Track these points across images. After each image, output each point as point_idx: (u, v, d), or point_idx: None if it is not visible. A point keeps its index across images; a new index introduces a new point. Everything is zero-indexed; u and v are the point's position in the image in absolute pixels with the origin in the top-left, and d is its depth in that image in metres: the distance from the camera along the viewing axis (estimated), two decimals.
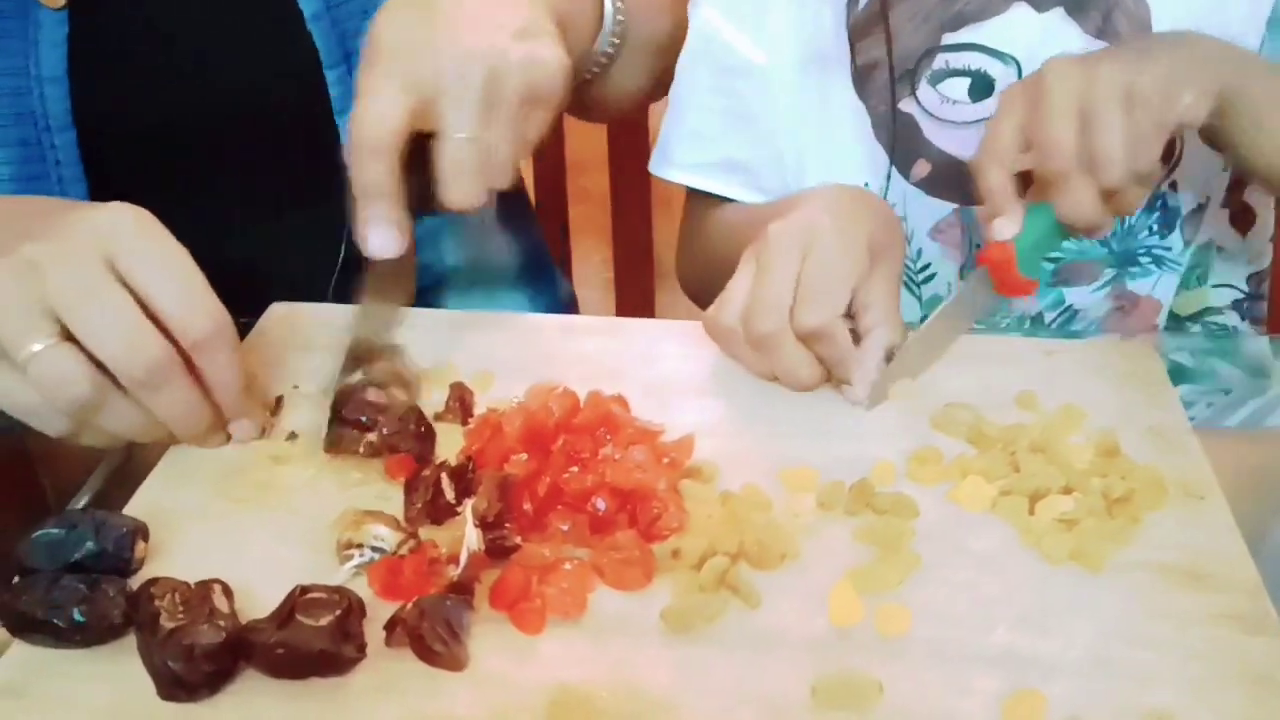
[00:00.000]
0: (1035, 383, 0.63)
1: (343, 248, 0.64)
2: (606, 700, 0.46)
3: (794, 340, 0.61)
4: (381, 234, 0.59)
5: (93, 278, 0.52)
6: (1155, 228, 0.78)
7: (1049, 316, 0.82)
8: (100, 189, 0.76)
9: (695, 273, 0.89)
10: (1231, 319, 0.84)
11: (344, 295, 0.66)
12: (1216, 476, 0.56)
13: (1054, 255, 0.78)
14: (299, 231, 0.63)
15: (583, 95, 0.79)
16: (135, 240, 0.53)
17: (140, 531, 0.52)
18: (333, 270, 0.64)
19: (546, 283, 0.99)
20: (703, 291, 0.89)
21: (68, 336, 0.52)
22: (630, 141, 1.24)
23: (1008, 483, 0.56)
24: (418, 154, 0.60)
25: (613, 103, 0.86)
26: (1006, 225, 0.62)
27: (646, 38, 0.81)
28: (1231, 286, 0.84)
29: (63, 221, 0.54)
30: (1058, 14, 0.73)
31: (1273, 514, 0.58)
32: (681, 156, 0.83)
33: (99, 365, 0.53)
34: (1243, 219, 0.81)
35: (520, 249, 0.96)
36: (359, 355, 0.61)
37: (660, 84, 0.87)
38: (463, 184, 0.59)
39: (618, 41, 0.76)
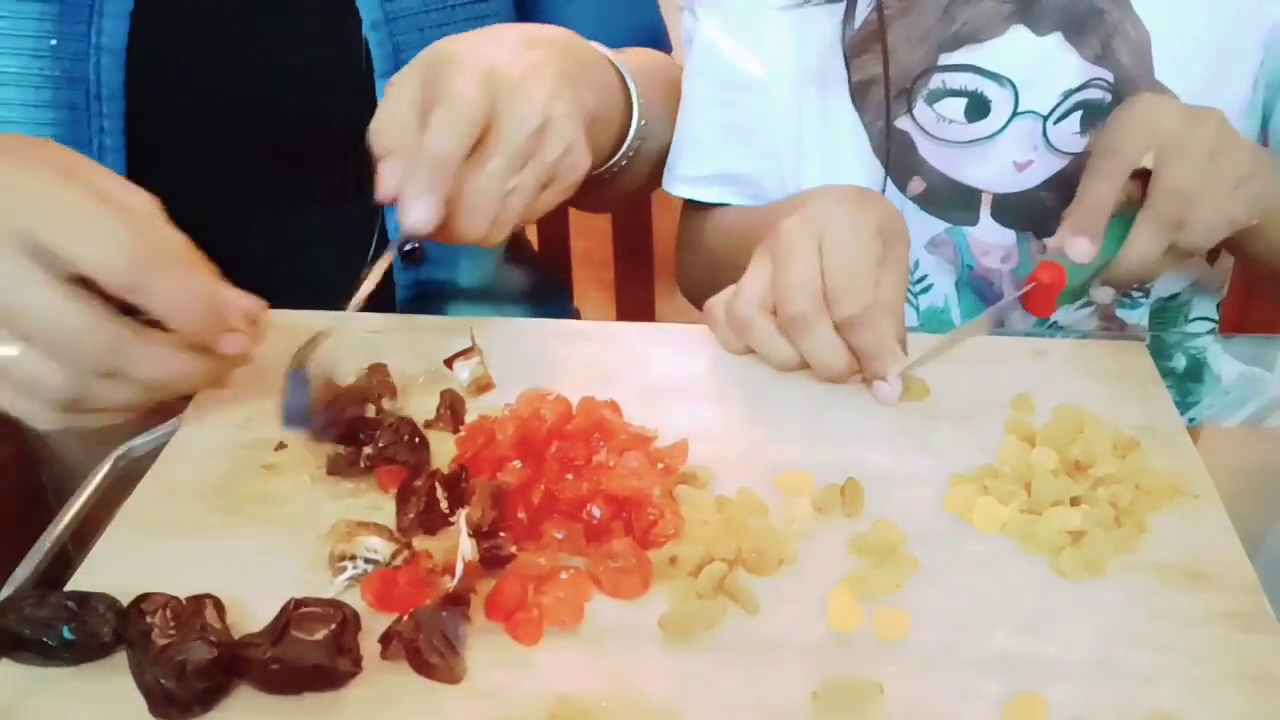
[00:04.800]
0: (1028, 384, 0.63)
1: (372, 250, 0.64)
2: (606, 711, 0.46)
3: (829, 322, 0.61)
4: (424, 208, 0.59)
5: (20, 281, 0.51)
6: None
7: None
8: (137, 162, 0.77)
9: (697, 278, 0.89)
10: None
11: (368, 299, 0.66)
12: (1216, 476, 0.56)
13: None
14: (328, 232, 0.64)
15: (591, 194, 0.80)
16: (41, 210, 0.52)
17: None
18: (357, 273, 0.64)
19: (555, 305, 0.99)
20: (702, 291, 0.89)
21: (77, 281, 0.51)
22: None
23: (1021, 504, 0.55)
24: None
25: (617, 199, 0.91)
26: (1088, 247, 0.61)
27: (658, 143, 0.83)
28: (1206, 319, 0.84)
29: None
30: (1056, 39, 0.73)
31: (1272, 514, 0.58)
32: (684, 170, 0.83)
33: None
34: (1211, 249, 0.82)
35: (529, 276, 0.96)
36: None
37: (656, 179, 0.89)
38: (478, 216, 0.61)
39: (636, 150, 0.78)
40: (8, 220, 0.51)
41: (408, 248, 0.81)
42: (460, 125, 0.59)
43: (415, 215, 0.60)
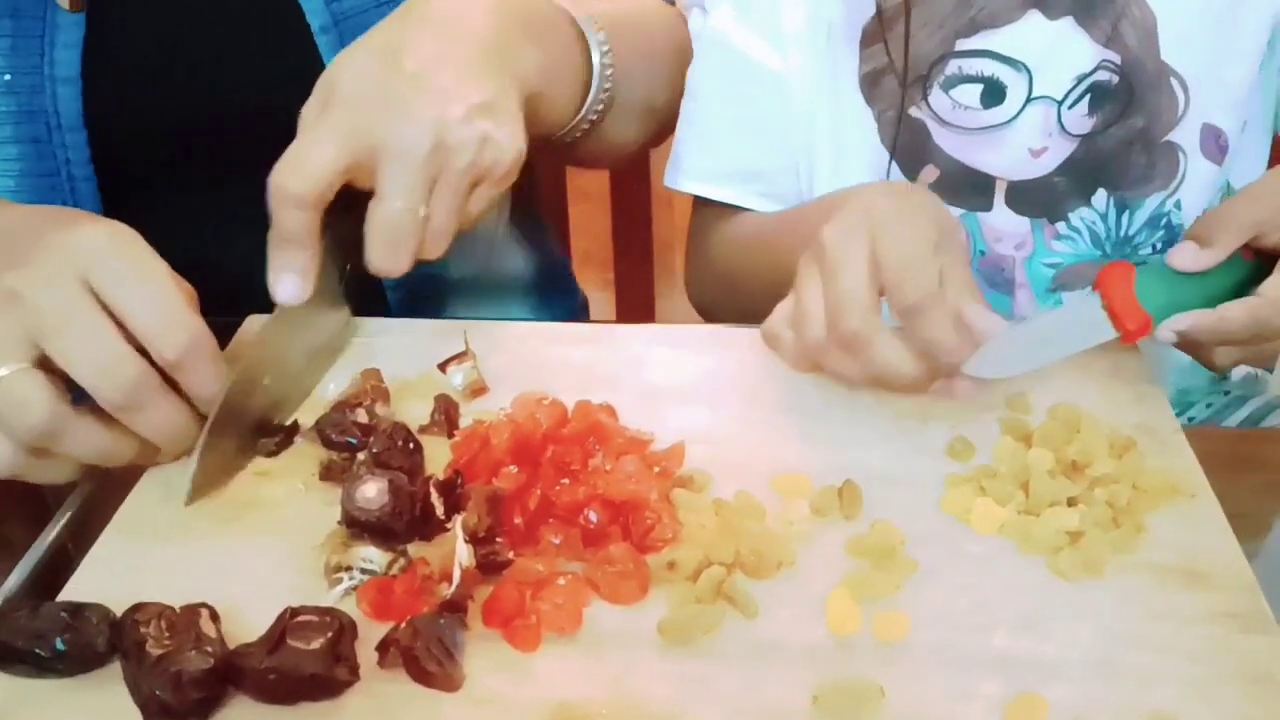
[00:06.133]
0: (1024, 384, 0.63)
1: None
2: (605, 717, 0.45)
3: (885, 334, 0.57)
4: (289, 284, 0.59)
5: (70, 303, 0.52)
6: (1159, 246, 0.78)
7: None
8: (109, 189, 0.77)
9: (707, 286, 0.87)
10: None
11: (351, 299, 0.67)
12: (1216, 476, 0.56)
13: (1054, 262, 0.79)
14: None
15: (575, 151, 0.80)
16: (111, 259, 0.54)
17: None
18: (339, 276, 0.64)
19: (559, 293, 0.99)
20: (715, 305, 0.87)
21: (44, 364, 0.52)
22: None
23: (1018, 504, 0.55)
24: (357, 203, 0.59)
25: (607, 155, 0.87)
26: (1192, 255, 0.58)
27: (638, 96, 0.81)
28: None
29: (40, 244, 0.54)
30: (1067, 23, 0.74)
31: (1272, 514, 0.59)
32: (695, 166, 0.82)
33: (77, 391, 0.53)
34: None
35: (533, 260, 0.95)
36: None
37: (658, 133, 0.86)
38: (388, 252, 0.59)
39: (604, 105, 0.76)
40: (75, 268, 0.53)
41: None
42: (298, 200, 0.57)
43: (279, 293, 0.59)
